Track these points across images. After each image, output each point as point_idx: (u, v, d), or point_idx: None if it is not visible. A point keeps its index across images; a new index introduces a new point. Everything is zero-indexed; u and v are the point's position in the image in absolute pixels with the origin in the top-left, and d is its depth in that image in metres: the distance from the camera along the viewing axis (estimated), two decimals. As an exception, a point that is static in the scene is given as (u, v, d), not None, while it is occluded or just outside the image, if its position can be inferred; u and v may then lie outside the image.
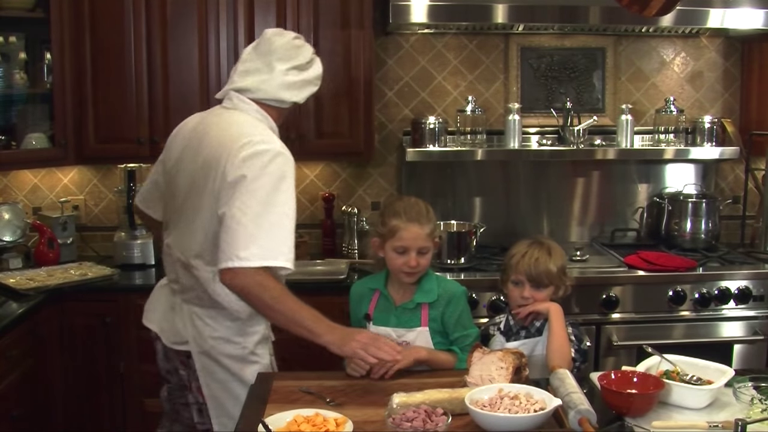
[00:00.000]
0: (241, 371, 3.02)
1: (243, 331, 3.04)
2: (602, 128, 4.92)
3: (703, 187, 5.05)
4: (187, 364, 3.06)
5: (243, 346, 3.03)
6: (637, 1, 2.86)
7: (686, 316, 4.36)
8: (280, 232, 2.77)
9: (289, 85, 3.02)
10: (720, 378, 2.71)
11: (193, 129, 3.10)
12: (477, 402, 2.48)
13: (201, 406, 3.07)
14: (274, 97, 3.01)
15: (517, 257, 3.23)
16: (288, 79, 3.01)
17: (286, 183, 2.81)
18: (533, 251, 3.21)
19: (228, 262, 2.73)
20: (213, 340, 3.00)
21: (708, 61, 5.11)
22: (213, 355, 3.01)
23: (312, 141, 4.52)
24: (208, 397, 3.03)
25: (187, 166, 3.02)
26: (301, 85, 3.05)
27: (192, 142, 3.04)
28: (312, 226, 4.98)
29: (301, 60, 3.05)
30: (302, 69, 3.05)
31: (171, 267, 3.11)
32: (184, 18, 4.40)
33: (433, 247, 3.13)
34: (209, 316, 3.00)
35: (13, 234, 4.50)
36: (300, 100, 3.07)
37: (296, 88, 3.04)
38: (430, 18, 4.42)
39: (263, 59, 3.02)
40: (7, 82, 4.41)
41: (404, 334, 3.12)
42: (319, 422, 2.47)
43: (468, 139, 4.75)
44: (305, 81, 3.07)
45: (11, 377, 3.61)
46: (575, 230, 5.10)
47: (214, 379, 3.02)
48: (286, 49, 3.02)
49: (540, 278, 3.17)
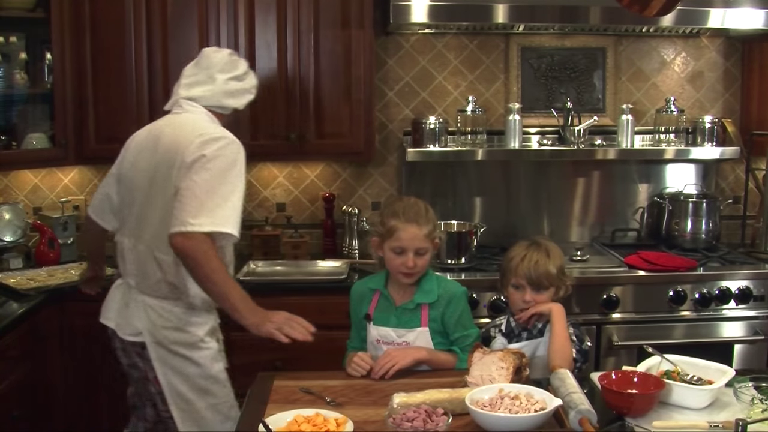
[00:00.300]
0: (193, 356, 3.20)
1: (194, 321, 3.22)
2: (603, 128, 4.92)
3: (703, 187, 5.05)
4: (143, 355, 3.23)
5: (193, 334, 3.21)
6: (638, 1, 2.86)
7: (687, 316, 4.36)
8: (229, 204, 3.02)
9: (230, 93, 3.36)
10: (720, 378, 2.71)
11: (146, 136, 3.33)
12: (477, 402, 2.48)
13: (162, 396, 3.22)
14: (218, 104, 3.34)
15: (516, 260, 3.22)
16: (229, 87, 3.34)
17: (238, 167, 3.11)
18: (532, 254, 3.21)
19: (180, 227, 2.94)
20: (165, 330, 3.18)
21: (708, 61, 5.11)
22: (166, 345, 3.19)
23: (312, 141, 4.53)
24: (165, 385, 3.19)
25: (144, 166, 3.24)
26: (240, 93, 3.40)
27: (147, 145, 3.27)
28: (312, 226, 4.99)
29: (239, 71, 3.39)
30: (240, 79, 3.39)
31: (132, 264, 3.26)
32: (185, 18, 4.40)
33: (432, 248, 3.13)
34: (162, 307, 3.20)
35: (14, 234, 4.50)
36: (240, 106, 3.41)
37: (236, 96, 3.38)
38: (431, 18, 4.42)
39: (205, 72, 3.33)
40: (8, 82, 4.41)
41: (404, 334, 3.13)
42: (320, 422, 2.48)
43: (468, 139, 4.75)
44: (243, 89, 3.40)
45: (11, 377, 3.61)
46: (576, 230, 5.10)
47: (169, 367, 3.19)
48: (224, 63, 3.35)
49: (540, 281, 3.17)
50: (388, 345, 3.13)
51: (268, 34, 4.45)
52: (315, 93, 4.51)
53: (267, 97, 4.48)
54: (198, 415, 3.23)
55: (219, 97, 3.33)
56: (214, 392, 3.25)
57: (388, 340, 3.14)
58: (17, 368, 3.68)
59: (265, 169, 4.96)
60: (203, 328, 3.24)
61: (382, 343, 3.15)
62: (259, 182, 4.98)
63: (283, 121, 4.50)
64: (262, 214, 4.98)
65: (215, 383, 3.26)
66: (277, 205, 5.00)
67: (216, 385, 3.26)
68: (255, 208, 4.99)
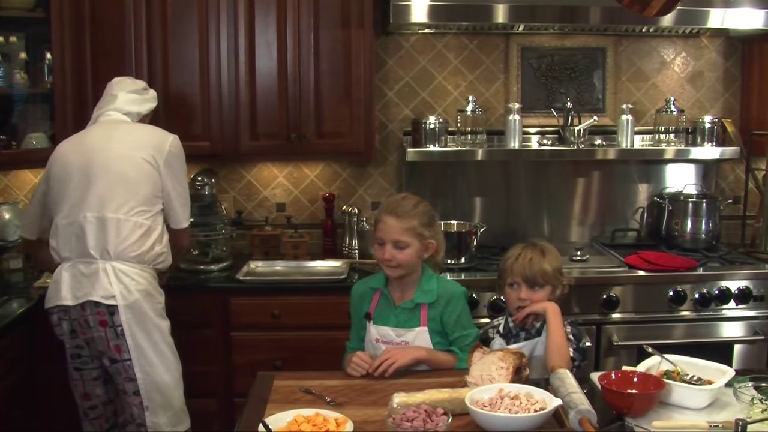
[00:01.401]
0: (159, 323, 3.58)
1: (159, 290, 3.65)
2: (603, 128, 4.92)
3: (703, 187, 5.05)
4: (109, 322, 3.48)
5: (158, 302, 3.61)
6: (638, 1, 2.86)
7: (686, 316, 4.36)
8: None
9: (135, 101, 3.89)
10: (720, 378, 2.71)
11: (89, 139, 3.76)
12: (477, 402, 2.48)
13: (119, 364, 3.51)
14: (129, 111, 3.85)
15: (512, 260, 3.23)
16: (131, 97, 3.88)
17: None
18: (527, 252, 3.23)
19: (184, 222, 3.80)
20: (138, 293, 3.49)
21: (708, 61, 5.11)
22: (137, 307, 3.49)
23: (312, 141, 4.53)
24: (133, 347, 3.49)
25: (105, 156, 3.63)
26: (142, 102, 3.92)
27: (100, 145, 3.67)
28: (312, 225, 4.99)
29: (138, 87, 3.95)
30: (140, 93, 3.93)
31: (100, 233, 3.53)
32: (185, 18, 4.40)
33: (416, 245, 3.11)
34: (134, 271, 3.52)
35: (13, 234, 4.50)
36: (144, 111, 3.94)
37: (139, 104, 3.90)
38: (431, 18, 4.42)
39: (113, 93, 3.88)
40: (8, 82, 4.40)
41: (403, 333, 3.13)
42: (320, 422, 2.48)
43: (468, 139, 4.75)
44: (145, 99, 3.94)
45: (11, 377, 3.61)
46: (576, 230, 5.10)
47: (140, 328, 3.50)
48: (126, 84, 3.93)
49: (535, 278, 3.18)
50: (387, 344, 3.13)
51: (268, 33, 4.45)
52: (315, 93, 4.51)
53: (267, 96, 4.49)
54: (161, 380, 3.55)
55: (129, 106, 3.87)
56: (170, 364, 3.60)
57: (387, 339, 3.15)
58: (16, 368, 3.68)
59: (265, 169, 4.97)
60: (163, 296, 3.66)
61: (381, 343, 3.15)
62: (259, 182, 4.98)
63: (283, 121, 4.50)
64: (262, 214, 4.98)
65: (173, 356, 3.62)
66: (277, 205, 5.00)
67: (174, 358, 3.63)
68: (255, 207, 5.00)
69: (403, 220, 3.08)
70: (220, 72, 4.45)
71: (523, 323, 3.20)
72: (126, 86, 3.90)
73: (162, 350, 3.55)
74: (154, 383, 3.53)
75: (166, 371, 3.54)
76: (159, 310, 3.59)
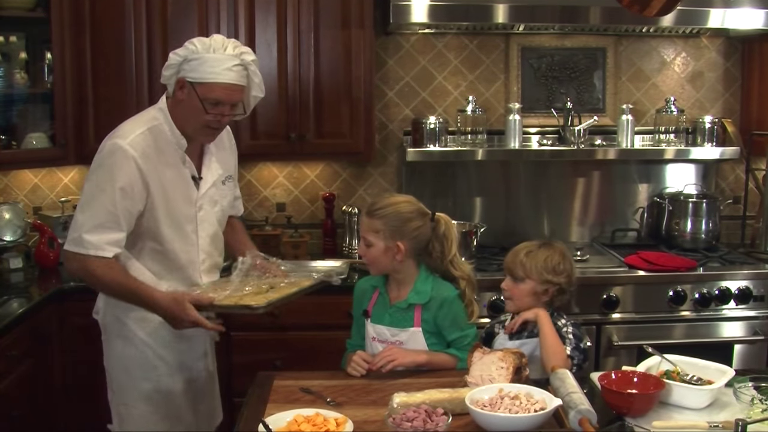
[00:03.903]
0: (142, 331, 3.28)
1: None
2: (603, 128, 4.92)
3: (703, 187, 5.05)
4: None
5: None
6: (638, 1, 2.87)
7: (687, 316, 4.36)
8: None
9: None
10: (720, 378, 2.71)
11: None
12: (477, 402, 2.48)
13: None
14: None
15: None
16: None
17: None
18: (523, 245, 3.29)
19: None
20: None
21: (708, 61, 5.11)
22: (118, 315, 3.27)
23: (312, 141, 4.53)
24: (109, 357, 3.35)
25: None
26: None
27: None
28: (312, 225, 4.99)
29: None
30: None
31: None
32: (185, 18, 4.40)
33: (379, 245, 3.10)
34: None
35: (14, 234, 4.50)
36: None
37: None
38: (431, 18, 4.43)
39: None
40: (8, 82, 4.41)
41: (398, 333, 3.13)
42: (320, 422, 2.48)
43: (468, 139, 4.76)
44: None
45: (11, 377, 3.61)
46: (576, 230, 5.10)
47: (119, 336, 3.30)
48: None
49: (514, 269, 3.21)
50: (383, 343, 3.13)
51: (268, 33, 4.45)
52: (315, 93, 4.51)
53: (267, 96, 4.44)
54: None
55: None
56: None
57: (383, 338, 3.15)
58: (17, 367, 3.68)
59: (265, 169, 4.97)
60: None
61: (378, 342, 3.15)
62: (259, 182, 4.98)
63: (283, 120, 4.50)
64: (262, 213, 4.98)
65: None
66: (277, 205, 5.00)
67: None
68: (255, 207, 5.00)
69: (369, 218, 3.11)
70: (220, 72, 4.45)
71: (512, 329, 3.20)
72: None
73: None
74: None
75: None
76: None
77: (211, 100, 3.10)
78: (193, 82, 3.10)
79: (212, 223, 3.35)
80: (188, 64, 3.11)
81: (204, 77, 3.09)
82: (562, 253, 3.26)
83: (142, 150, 3.10)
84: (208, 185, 3.32)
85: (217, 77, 3.08)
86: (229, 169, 3.47)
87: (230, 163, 3.49)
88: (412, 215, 3.13)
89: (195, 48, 3.11)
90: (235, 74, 3.11)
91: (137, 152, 3.09)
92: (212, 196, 3.34)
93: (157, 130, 3.19)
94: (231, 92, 3.12)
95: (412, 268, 3.16)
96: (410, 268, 3.16)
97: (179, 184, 3.23)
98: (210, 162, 3.34)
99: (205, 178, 3.31)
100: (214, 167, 3.35)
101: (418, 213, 3.14)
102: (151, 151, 3.13)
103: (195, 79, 3.10)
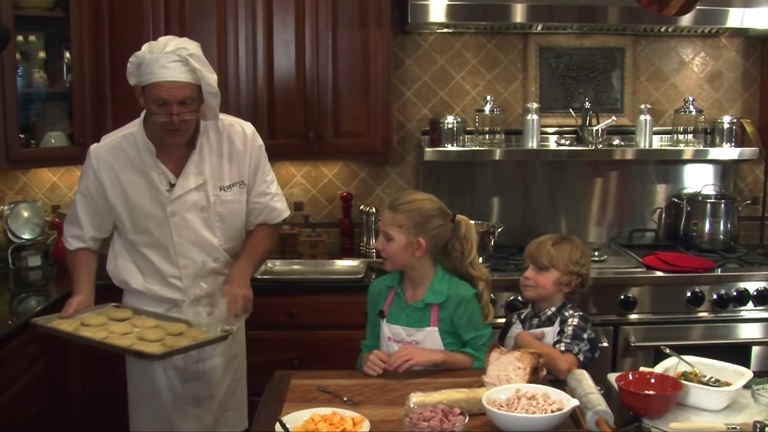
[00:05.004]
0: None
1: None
2: (621, 128, 4.91)
3: (721, 188, 5.03)
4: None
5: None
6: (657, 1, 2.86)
7: (704, 317, 4.35)
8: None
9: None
10: (738, 380, 2.70)
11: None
12: (494, 402, 2.48)
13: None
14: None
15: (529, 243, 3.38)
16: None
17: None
18: (543, 237, 3.37)
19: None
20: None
21: (727, 61, 5.09)
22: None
23: (330, 140, 4.53)
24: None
25: None
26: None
27: None
28: (330, 225, 5.00)
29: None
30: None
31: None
32: (203, 17, 4.41)
33: (401, 240, 3.10)
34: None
35: (32, 232, 4.53)
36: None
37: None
38: (449, 17, 4.43)
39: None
40: (27, 81, 4.43)
41: (414, 333, 3.13)
42: (336, 421, 2.48)
43: (486, 139, 4.75)
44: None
45: (29, 374, 3.62)
46: (593, 230, 5.08)
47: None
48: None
49: (539, 258, 3.26)
50: (398, 343, 3.13)
51: (286, 33, 4.46)
52: (333, 92, 4.52)
53: (285, 96, 4.49)
54: None
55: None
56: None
57: (399, 338, 3.15)
58: (35, 365, 3.69)
59: (283, 168, 4.97)
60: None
61: (393, 342, 3.15)
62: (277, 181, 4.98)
63: (301, 120, 4.51)
64: (279, 213, 4.99)
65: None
66: (295, 204, 5.00)
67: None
68: (272, 207, 5.00)
69: (392, 212, 3.11)
70: (238, 71, 4.46)
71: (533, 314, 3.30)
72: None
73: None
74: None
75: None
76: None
77: (156, 100, 3.08)
78: (143, 86, 3.11)
79: (193, 230, 3.34)
80: (138, 70, 3.12)
81: (147, 79, 3.08)
82: (582, 249, 3.34)
83: (105, 158, 3.29)
84: (182, 191, 3.29)
85: (156, 77, 3.05)
86: (237, 175, 3.43)
87: (239, 168, 3.44)
88: (434, 213, 3.15)
89: (141, 52, 3.12)
90: (172, 71, 3.06)
91: (99, 160, 3.29)
92: (196, 202, 3.33)
93: (132, 137, 3.28)
94: (171, 89, 3.07)
95: (428, 268, 3.17)
96: (427, 267, 3.16)
97: (146, 189, 3.28)
98: (190, 167, 3.31)
99: (179, 184, 3.28)
100: (194, 173, 3.31)
101: (440, 212, 3.16)
102: (115, 158, 3.27)
103: (143, 83, 3.11)
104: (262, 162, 3.53)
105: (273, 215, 3.58)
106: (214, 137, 3.35)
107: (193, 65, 3.07)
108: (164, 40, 3.11)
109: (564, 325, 3.17)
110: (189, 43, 3.14)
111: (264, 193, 3.54)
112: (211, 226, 3.38)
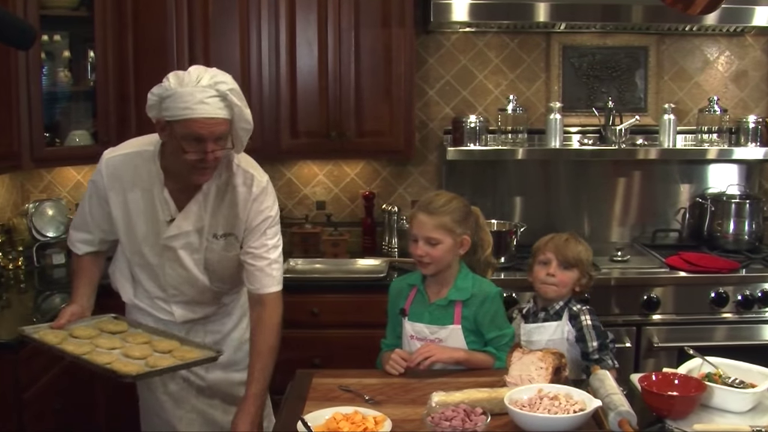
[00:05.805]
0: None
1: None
2: (644, 128, 4.89)
3: (746, 188, 5.00)
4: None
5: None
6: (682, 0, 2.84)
7: (729, 318, 4.32)
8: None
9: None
10: (763, 381, 2.68)
11: None
12: (516, 402, 2.48)
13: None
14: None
15: (545, 239, 3.36)
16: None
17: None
18: (563, 234, 3.34)
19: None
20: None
21: (753, 60, 5.05)
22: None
23: (353, 139, 4.54)
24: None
25: None
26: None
27: None
28: (352, 224, 5.00)
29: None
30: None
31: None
32: (226, 16, 4.43)
33: (448, 241, 3.08)
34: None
35: (57, 230, 4.57)
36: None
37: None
38: (472, 17, 4.42)
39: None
40: (52, 80, 4.46)
41: (437, 331, 3.12)
42: (358, 420, 2.48)
43: (509, 138, 4.74)
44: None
45: (53, 370, 3.64)
46: (616, 230, 5.07)
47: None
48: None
49: (568, 257, 3.25)
50: (421, 341, 3.12)
51: (308, 32, 4.47)
52: (355, 91, 4.52)
53: (307, 95, 4.50)
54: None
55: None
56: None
57: (422, 336, 3.14)
58: (59, 362, 3.70)
59: (306, 167, 4.98)
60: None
61: (416, 339, 3.14)
62: (299, 180, 5.00)
63: (323, 119, 4.52)
64: (302, 211, 4.99)
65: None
66: (317, 203, 5.01)
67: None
68: (295, 205, 5.01)
69: (434, 216, 3.08)
70: (261, 70, 4.47)
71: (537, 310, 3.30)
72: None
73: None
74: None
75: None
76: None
77: (190, 137, 2.82)
78: (170, 120, 2.85)
79: (185, 267, 3.16)
80: (164, 103, 2.85)
81: (179, 114, 2.81)
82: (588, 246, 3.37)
83: (113, 169, 3.11)
84: (178, 231, 3.09)
85: (193, 112, 2.80)
86: (230, 227, 3.16)
87: (234, 221, 3.15)
88: (468, 209, 3.18)
89: (169, 84, 2.84)
90: (210, 106, 2.81)
91: (108, 170, 3.12)
92: (190, 243, 3.13)
93: (148, 155, 3.07)
94: (209, 126, 2.82)
95: (456, 265, 3.17)
96: (455, 265, 3.17)
97: (146, 213, 3.10)
98: (191, 208, 3.09)
99: (177, 223, 3.09)
100: (194, 214, 3.10)
101: (469, 206, 3.21)
102: (125, 172, 3.09)
103: (171, 118, 2.84)
104: (264, 225, 3.21)
105: (265, 282, 3.16)
106: (224, 177, 3.11)
107: (231, 101, 2.87)
108: (195, 73, 2.86)
109: (575, 322, 3.18)
110: (224, 75, 2.91)
111: (261, 257, 3.17)
112: (201, 267, 3.20)
